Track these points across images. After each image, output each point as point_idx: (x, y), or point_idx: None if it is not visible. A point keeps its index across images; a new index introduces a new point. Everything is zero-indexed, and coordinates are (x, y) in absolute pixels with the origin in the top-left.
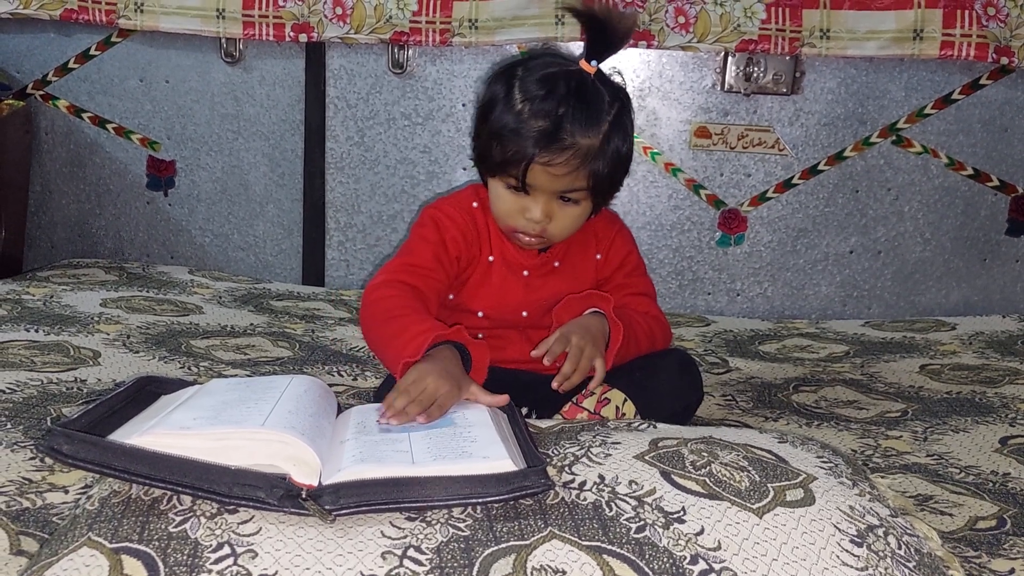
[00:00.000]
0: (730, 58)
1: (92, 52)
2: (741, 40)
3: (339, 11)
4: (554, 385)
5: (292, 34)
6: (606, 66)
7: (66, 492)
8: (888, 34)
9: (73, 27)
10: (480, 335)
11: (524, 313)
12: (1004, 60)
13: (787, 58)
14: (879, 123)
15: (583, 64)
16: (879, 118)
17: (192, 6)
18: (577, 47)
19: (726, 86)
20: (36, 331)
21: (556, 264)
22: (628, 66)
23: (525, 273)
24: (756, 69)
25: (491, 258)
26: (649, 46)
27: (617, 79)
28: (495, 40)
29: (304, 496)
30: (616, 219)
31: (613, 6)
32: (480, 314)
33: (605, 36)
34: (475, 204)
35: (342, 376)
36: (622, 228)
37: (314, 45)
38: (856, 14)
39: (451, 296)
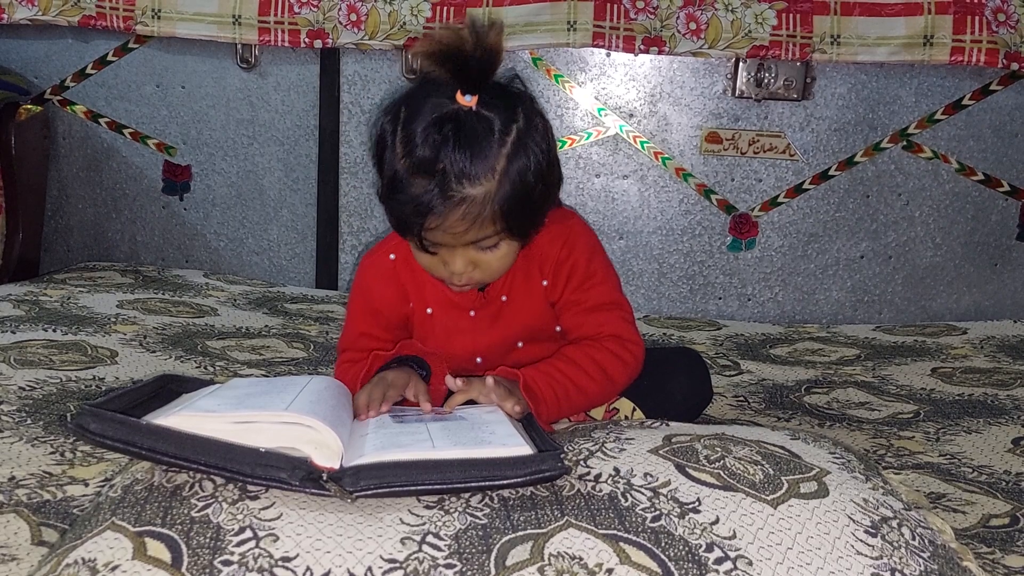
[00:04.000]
0: (741, 64)
1: (109, 58)
2: (752, 46)
3: (354, 17)
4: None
5: (307, 40)
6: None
7: (86, 485)
8: (898, 40)
9: (91, 33)
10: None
11: (478, 359)
12: (1014, 66)
13: (798, 64)
14: (889, 128)
15: (459, 99)
16: (889, 123)
17: (208, 12)
18: (587, 52)
19: (737, 92)
20: (54, 331)
21: (504, 298)
22: (640, 72)
23: (472, 314)
24: (767, 75)
25: (429, 310)
26: (660, 52)
27: (516, 87)
28: (508, 46)
29: (325, 478)
30: (561, 231)
31: (469, 26)
32: None
33: (467, 64)
34: (392, 256)
35: None
36: (570, 237)
37: (329, 51)
38: (866, 20)
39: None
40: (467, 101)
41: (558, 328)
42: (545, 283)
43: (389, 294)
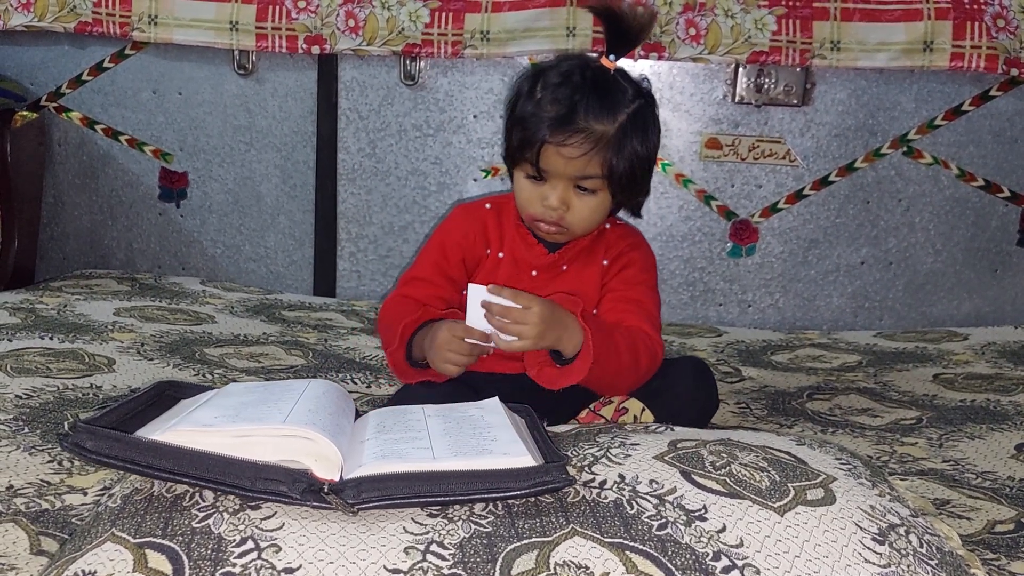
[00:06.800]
0: (741, 69)
1: (106, 64)
2: (752, 52)
3: (352, 23)
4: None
5: (305, 46)
6: (634, 71)
7: (85, 494)
8: (898, 45)
9: (87, 40)
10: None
11: None
12: (1014, 72)
13: (798, 69)
14: (889, 134)
15: (603, 60)
16: (889, 129)
17: (206, 19)
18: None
19: (737, 97)
20: (51, 339)
21: (564, 267)
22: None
23: (534, 273)
24: (767, 80)
25: (501, 255)
26: (660, 57)
27: (645, 85)
28: (506, 52)
29: (326, 490)
30: (632, 234)
31: (631, 2)
32: None
33: (622, 31)
34: (488, 206)
35: (356, 384)
36: (639, 243)
37: (326, 57)
38: (866, 26)
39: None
40: (611, 61)
41: (595, 311)
42: (605, 263)
43: (474, 231)
